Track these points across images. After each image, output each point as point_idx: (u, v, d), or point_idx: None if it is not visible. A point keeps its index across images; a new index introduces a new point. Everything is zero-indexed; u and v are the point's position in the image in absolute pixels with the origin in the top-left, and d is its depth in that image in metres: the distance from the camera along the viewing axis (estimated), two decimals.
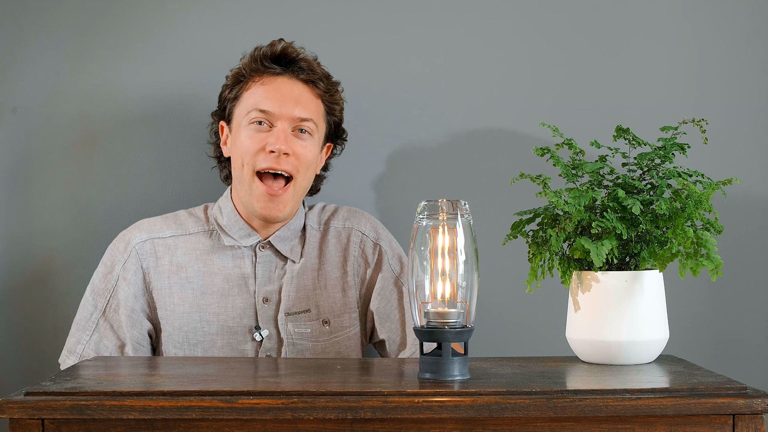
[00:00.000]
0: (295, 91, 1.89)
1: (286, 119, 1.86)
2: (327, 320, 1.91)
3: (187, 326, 1.88)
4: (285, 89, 1.88)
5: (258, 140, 1.85)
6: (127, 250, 1.90)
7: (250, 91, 1.88)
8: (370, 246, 1.94)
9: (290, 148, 1.85)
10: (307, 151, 1.87)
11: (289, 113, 1.86)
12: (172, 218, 1.94)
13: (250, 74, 1.89)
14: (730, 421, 1.36)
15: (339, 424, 1.35)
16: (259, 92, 1.87)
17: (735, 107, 2.12)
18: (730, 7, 2.12)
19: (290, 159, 1.85)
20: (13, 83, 2.08)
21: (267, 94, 1.87)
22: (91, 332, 1.88)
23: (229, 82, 1.92)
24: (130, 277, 1.88)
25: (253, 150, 1.85)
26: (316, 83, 1.90)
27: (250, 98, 1.87)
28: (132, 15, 2.08)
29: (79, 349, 1.88)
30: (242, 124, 1.87)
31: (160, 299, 1.89)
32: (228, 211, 1.91)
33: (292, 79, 1.89)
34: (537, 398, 1.34)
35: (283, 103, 1.86)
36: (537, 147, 1.62)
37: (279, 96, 1.87)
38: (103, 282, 1.90)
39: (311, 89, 1.90)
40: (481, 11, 2.11)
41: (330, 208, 1.98)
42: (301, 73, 1.89)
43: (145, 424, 1.35)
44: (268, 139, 1.85)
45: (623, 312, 1.54)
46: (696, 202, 1.55)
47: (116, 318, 1.88)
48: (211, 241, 1.91)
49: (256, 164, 1.85)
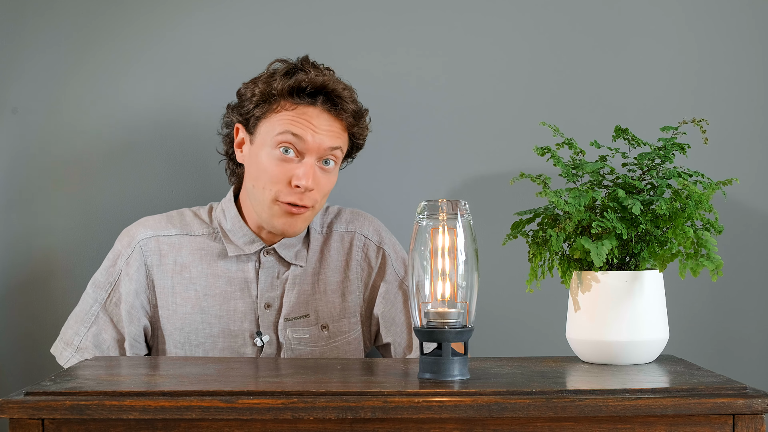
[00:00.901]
0: (326, 123, 1.82)
1: (315, 151, 1.81)
2: (326, 325, 1.90)
3: (189, 327, 1.87)
4: (317, 121, 1.81)
5: (284, 170, 1.80)
6: (131, 245, 1.89)
7: (280, 114, 1.82)
8: (373, 250, 1.94)
9: (316, 183, 1.81)
10: (328, 183, 1.85)
11: (321, 143, 1.81)
12: (178, 217, 1.93)
13: (282, 99, 1.82)
14: (730, 421, 1.36)
15: (339, 424, 1.35)
16: (289, 117, 1.81)
17: (735, 107, 2.12)
18: (730, 7, 2.12)
19: (313, 194, 1.82)
20: (13, 83, 2.08)
21: (303, 123, 1.81)
22: (89, 324, 1.87)
23: (256, 97, 1.83)
24: (132, 273, 1.88)
25: (278, 179, 1.80)
26: (346, 119, 1.85)
27: (280, 121, 1.81)
28: (132, 15, 2.08)
29: (76, 341, 1.86)
30: (267, 142, 1.82)
31: (162, 297, 1.88)
32: (232, 216, 1.90)
33: (323, 111, 1.83)
34: (537, 398, 1.34)
35: (317, 137, 1.80)
36: (537, 147, 1.62)
37: (313, 128, 1.81)
38: (104, 275, 1.89)
39: (341, 122, 1.84)
40: (482, 10, 2.11)
41: (333, 210, 1.97)
42: (333, 109, 1.83)
43: (145, 424, 1.35)
44: (296, 171, 1.80)
45: (623, 312, 1.54)
46: (696, 202, 1.55)
47: (116, 312, 1.87)
48: (215, 244, 1.90)
49: (279, 195, 1.81)
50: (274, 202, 1.82)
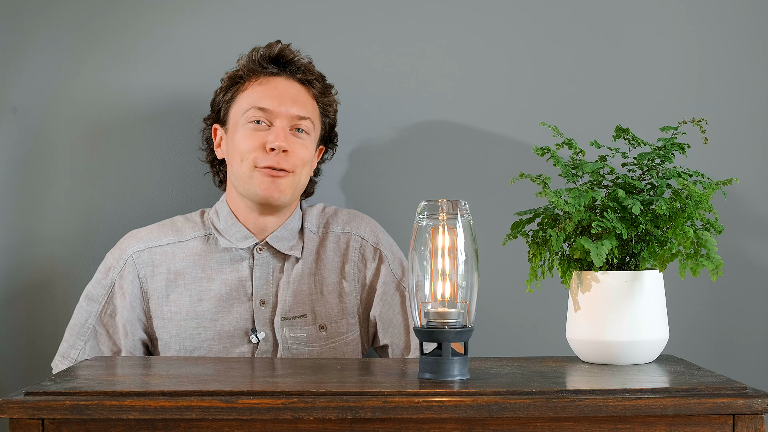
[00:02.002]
0: (293, 90, 1.90)
1: (284, 117, 1.87)
2: (323, 325, 1.90)
3: (184, 333, 1.88)
4: (283, 88, 1.89)
5: (257, 138, 1.86)
6: (122, 258, 1.90)
7: (247, 91, 1.89)
8: (370, 251, 1.94)
9: (289, 145, 1.85)
10: (304, 150, 1.88)
11: (288, 111, 1.87)
12: (169, 225, 1.94)
13: (248, 75, 1.90)
14: (730, 421, 1.36)
15: (339, 424, 1.35)
16: (257, 92, 1.88)
17: (735, 107, 2.12)
18: (730, 7, 2.12)
19: (289, 157, 1.85)
20: (13, 83, 2.08)
21: (265, 93, 1.88)
22: (86, 338, 1.89)
23: (224, 84, 1.92)
24: (126, 286, 1.89)
25: (252, 147, 1.85)
26: (312, 84, 1.92)
27: (248, 98, 1.88)
28: (132, 16, 2.08)
29: (73, 354, 1.89)
30: (239, 123, 1.88)
31: (156, 308, 1.89)
32: (224, 214, 1.91)
33: (289, 79, 1.91)
34: (537, 398, 1.34)
35: (282, 102, 1.87)
36: (537, 147, 1.62)
37: (277, 94, 1.88)
38: (97, 288, 1.90)
39: (307, 90, 1.92)
40: (482, 9, 2.11)
41: (330, 210, 1.98)
42: (297, 74, 1.91)
43: (145, 424, 1.35)
44: (268, 137, 1.85)
45: (623, 312, 1.54)
46: (696, 202, 1.55)
47: (112, 323, 1.89)
48: (208, 246, 1.91)
49: (256, 161, 1.85)
50: (253, 170, 1.85)
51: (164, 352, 1.88)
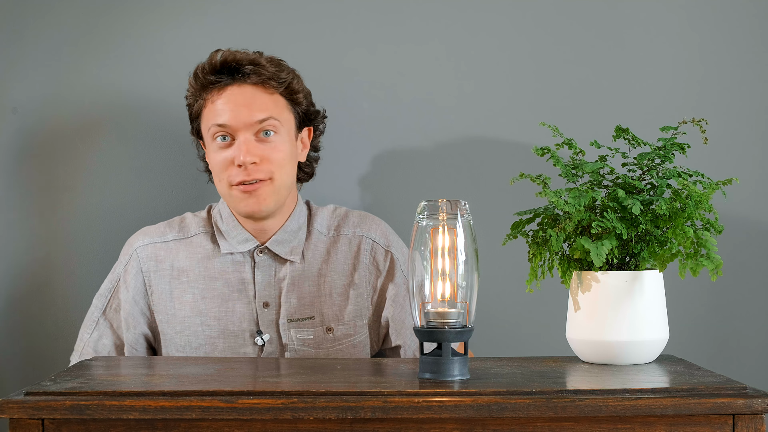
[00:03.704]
0: (247, 96, 1.84)
1: (245, 128, 1.83)
2: (331, 328, 1.90)
3: (189, 330, 1.88)
4: (235, 98, 1.84)
5: (225, 156, 1.84)
6: (128, 253, 1.91)
7: (207, 108, 1.86)
8: (381, 253, 1.93)
9: (257, 156, 1.82)
10: (276, 152, 1.85)
11: (246, 120, 1.83)
12: (177, 221, 1.94)
13: (201, 93, 1.87)
14: (730, 421, 1.36)
15: (339, 424, 1.35)
16: (215, 108, 1.84)
17: (735, 107, 2.12)
18: (730, 7, 2.12)
19: (261, 166, 1.83)
20: (13, 83, 2.08)
21: (220, 107, 1.84)
22: (91, 330, 1.91)
23: (188, 101, 1.90)
24: (130, 280, 1.90)
25: (222, 166, 1.84)
26: (267, 82, 1.85)
27: (208, 115, 1.86)
28: (132, 16, 2.08)
29: (80, 347, 1.91)
30: (208, 141, 1.87)
31: (160, 303, 1.89)
32: (227, 215, 1.91)
33: (241, 85, 1.85)
34: (537, 398, 1.34)
35: (237, 113, 1.83)
36: (537, 147, 1.62)
37: (232, 107, 1.83)
38: (106, 284, 1.93)
39: (264, 88, 1.85)
40: (482, 9, 2.11)
41: (341, 212, 1.96)
42: (248, 77, 1.85)
43: (145, 424, 1.35)
44: (233, 153, 1.83)
45: (623, 312, 1.54)
46: (696, 202, 1.55)
47: (116, 317, 1.90)
48: (212, 245, 1.91)
49: (230, 179, 1.84)
50: (230, 188, 1.85)
51: (168, 348, 1.88)
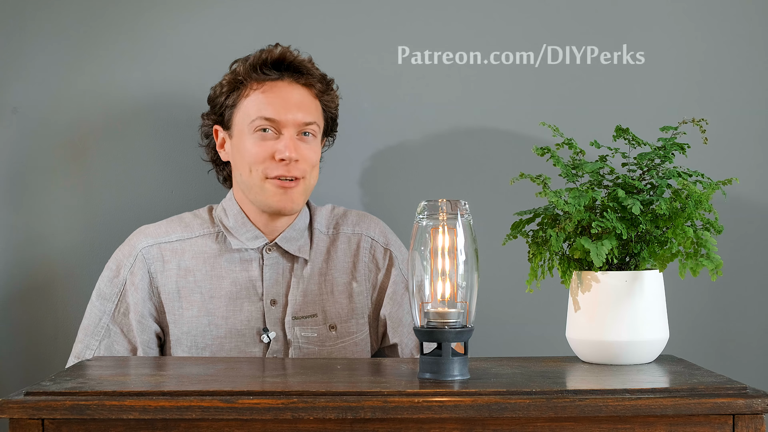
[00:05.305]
0: (296, 95, 1.88)
1: (292, 125, 1.86)
2: (334, 325, 1.91)
3: (196, 330, 1.87)
4: (286, 95, 1.88)
5: (266, 148, 1.85)
6: (132, 254, 1.89)
7: (249, 98, 1.87)
8: (380, 251, 1.94)
9: (299, 154, 1.85)
10: (312, 153, 1.88)
11: (295, 119, 1.86)
12: (177, 221, 1.93)
13: (248, 81, 1.88)
14: (730, 421, 1.36)
15: (339, 424, 1.35)
16: (260, 100, 1.86)
17: (735, 107, 2.12)
18: (730, 7, 2.12)
19: (299, 165, 1.86)
20: (13, 83, 2.08)
21: (269, 101, 1.86)
22: (100, 337, 1.87)
23: (224, 88, 1.90)
24: (137, 282, 1.88)
25: (262, 158, 1.85)
26: (314, 85, 1.90)
27: (252, 106, 1.86)
28: (132, 15, 2.08)
29: (88, 355, 1.87)
30: (245, 131, 1.87)
31: (167, 303, 1.88)
32: (234, 213, 1.91)
33: (291, 83, 1.89)
34: (537, 398, 1.34)
35: (288, 110, 1.86)
36: (537, 147, 1.62)
37: (282, 102, 1.86)
38: (109, 286, 1.89)
39: (310, 91, 1.90)
40: (482, 9, 2.11)
41: (339, 211, 1.98)
42: (300, 78, 1.89)
43: (145, 424, 1.34)
44: (277, 146, 1.85)
45: (623, 312, 1.54)
46: (696, 202, 1.55)
47: (126, 322, 1.88)
48: (217, 245, 1.90)
49: (267, 172, 1.85)
50: (264, 181, 1.85)
51: (175, 348, 1.88)
